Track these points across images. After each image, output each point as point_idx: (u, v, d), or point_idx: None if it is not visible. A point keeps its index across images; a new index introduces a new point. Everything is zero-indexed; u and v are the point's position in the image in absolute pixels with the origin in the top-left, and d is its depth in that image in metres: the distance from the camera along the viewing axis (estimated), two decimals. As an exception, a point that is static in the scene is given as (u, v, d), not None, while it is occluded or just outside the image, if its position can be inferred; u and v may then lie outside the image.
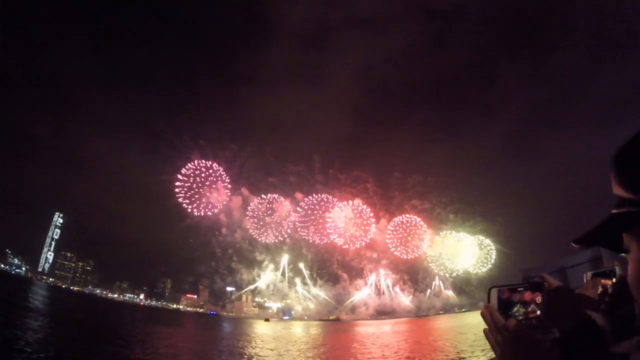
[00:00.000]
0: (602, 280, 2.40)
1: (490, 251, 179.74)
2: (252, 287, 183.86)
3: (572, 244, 1.24)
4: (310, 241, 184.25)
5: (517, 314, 1.43)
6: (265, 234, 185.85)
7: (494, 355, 1.42)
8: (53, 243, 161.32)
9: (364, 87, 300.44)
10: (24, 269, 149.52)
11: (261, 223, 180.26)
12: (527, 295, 1.45)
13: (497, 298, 1.47)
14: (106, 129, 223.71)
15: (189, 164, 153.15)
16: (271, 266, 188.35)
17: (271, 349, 39.41)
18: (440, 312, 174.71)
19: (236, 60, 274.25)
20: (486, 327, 1.44)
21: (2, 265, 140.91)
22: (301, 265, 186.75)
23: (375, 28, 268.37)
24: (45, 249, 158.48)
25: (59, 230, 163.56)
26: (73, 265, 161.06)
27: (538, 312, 1.42)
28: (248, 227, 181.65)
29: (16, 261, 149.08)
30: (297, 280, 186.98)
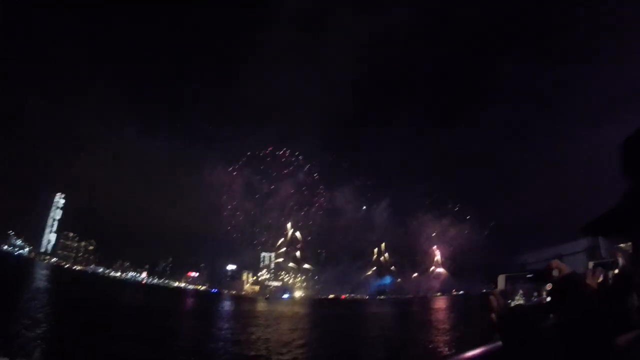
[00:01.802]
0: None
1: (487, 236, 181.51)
2: (254, 266, 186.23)
3: (580, 232, 1.26)
4: (311, 222, 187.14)
5: (523, 301, 1.46)
6: (267, 214, 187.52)
7: (499, 341, 1.43)
8: (55, 224, 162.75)
9: (362, 71, 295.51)
10: (26, 249, 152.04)
11: (264, 206, 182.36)
12: (534, 283, 1.47)
13: (504, 285, 1.49)
14: (104, 110, 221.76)
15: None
16: (274, 246, 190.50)
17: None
18: (438, 293, 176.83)
19: (234, 40, 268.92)
20: (493, 312, 1.45)
21: (5, 247, 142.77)
22: (302, 244, 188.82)
23: (375, 10, 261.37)
24: (48, 230, 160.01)
25: (60, 211, 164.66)
26: (75, 245, 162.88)
27: (546, 299, 1.44)
28: (250, 207, 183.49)
29: (19, 242, 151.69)
30: (299, 259, 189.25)
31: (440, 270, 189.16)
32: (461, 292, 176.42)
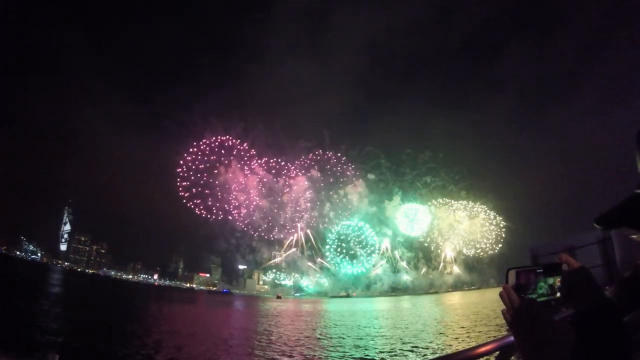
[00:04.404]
0: None
1: (502, 229, 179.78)
2: (267, 264, 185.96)
3: (595, 224, 1.23)
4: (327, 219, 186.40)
5: (534, 295, 1.46)
6: (282, 212, 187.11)
7: (510, 335, 1.42)
8: (67, 228, 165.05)
9: (370, 60, 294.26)
10: (39, 254, 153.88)
11: (278, 200, 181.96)
12: (545, 277, 1.48)
13: (515, 279, 1.49)
14: (114, 111, 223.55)
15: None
16: (287, 244, 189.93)
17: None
18: (450, 289, 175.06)
19: (241, 36, 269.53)
20: (504, 307, 1.45)
21: (18, 253, 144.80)
22: (319, 242, 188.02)
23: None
24: (59, 234, 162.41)
25: (72, 216, 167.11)
26: (87, 248, 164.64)
27: (557, 294, 1.45)
28: (265, 206, 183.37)
29: (31, 248, 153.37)
30: (314, 257, 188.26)
31: (453, 264, 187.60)
32: (473, 287, 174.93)
